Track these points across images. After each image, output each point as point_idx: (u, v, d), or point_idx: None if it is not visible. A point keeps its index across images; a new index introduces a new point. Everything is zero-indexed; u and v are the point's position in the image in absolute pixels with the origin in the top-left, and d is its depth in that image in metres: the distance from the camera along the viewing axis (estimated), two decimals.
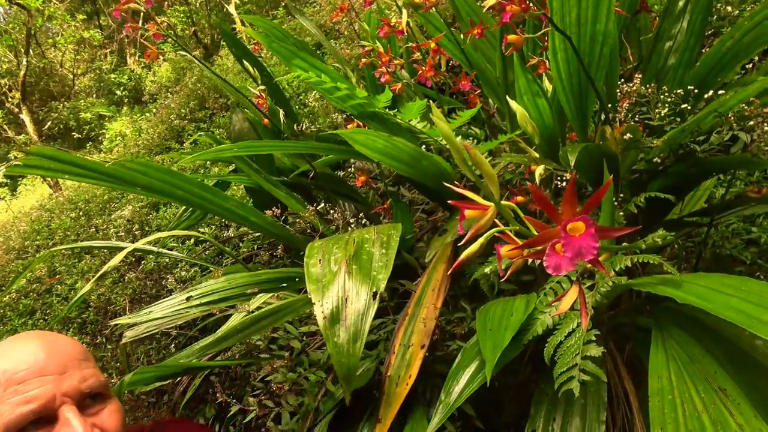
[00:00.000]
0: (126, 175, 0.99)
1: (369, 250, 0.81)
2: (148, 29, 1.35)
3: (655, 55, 1.09)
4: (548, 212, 0.50)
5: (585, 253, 0.49)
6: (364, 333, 0.73)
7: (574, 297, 0.61)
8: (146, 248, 1.75)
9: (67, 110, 7.47)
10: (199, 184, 1.09)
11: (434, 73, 1.17)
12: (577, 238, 0.49)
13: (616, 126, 0.89)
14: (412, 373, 1.05)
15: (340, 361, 0.72)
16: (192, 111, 4.48)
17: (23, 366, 0.55)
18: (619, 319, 0.97)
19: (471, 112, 0.99)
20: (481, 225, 0.52)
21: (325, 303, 0.75)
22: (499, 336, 0.79)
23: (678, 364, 0.75)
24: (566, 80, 0.93)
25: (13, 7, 5.91)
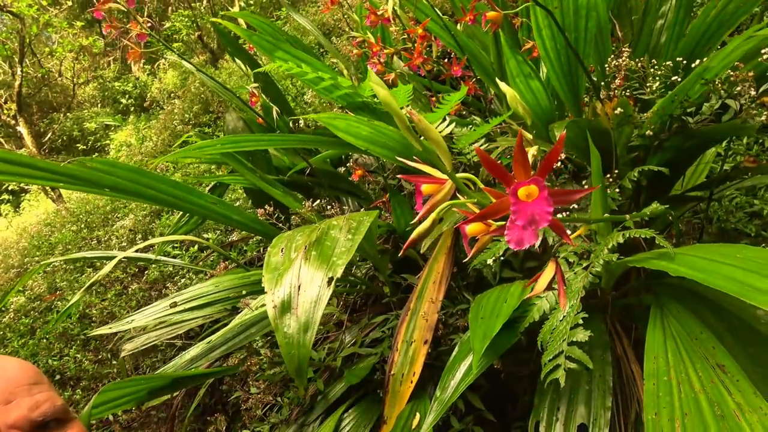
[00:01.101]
0: (88, 175, 1.02)
1: (334, 236, 0.84)
2: (131, 29, 1.43)
3: (645, 33, 1.12)
4: (500, 178, 0.50)
5: (538, 219, 0.48)
6: (315, 321, 0.74)
7: (551, 275, 0.63)
8: (139, 256, 1.82)
9: (70, 121, 7.84)
10: (171, 182, 1.14)
11: (423, 59, 1.24)
12: (529, 204, 0.49)
13: (606, 102, 0.94)
14: (416, 370, 1.09)
15: (290, 353, 0.73)
16: (196, 115, 4.67)
17: None
18: (625, 300, 1.01)
19: (459, 95, 1.05)
20: (437, 200, 0.55)
21: (277, 292, 0.77)
22: (491, 324, 0.82)
23: (676, 341, 0.78)
24: (554, 58, 0.98)
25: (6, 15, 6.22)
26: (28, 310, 3.66)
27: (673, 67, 0.89)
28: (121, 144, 5.73)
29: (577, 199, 0.55)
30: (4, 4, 5.80)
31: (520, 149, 0.50)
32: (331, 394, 1.36)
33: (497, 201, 0.53)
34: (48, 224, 5.06)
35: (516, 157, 0.50)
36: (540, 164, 0.51)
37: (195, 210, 1.22)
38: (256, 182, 1.68)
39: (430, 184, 0.56)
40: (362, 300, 1.58)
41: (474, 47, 1.32)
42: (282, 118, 1.88)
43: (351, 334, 1.50)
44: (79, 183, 1.05)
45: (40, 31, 6.83)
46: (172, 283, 2.47)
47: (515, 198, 0.50)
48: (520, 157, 0.50)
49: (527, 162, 0.51)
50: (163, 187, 1.12)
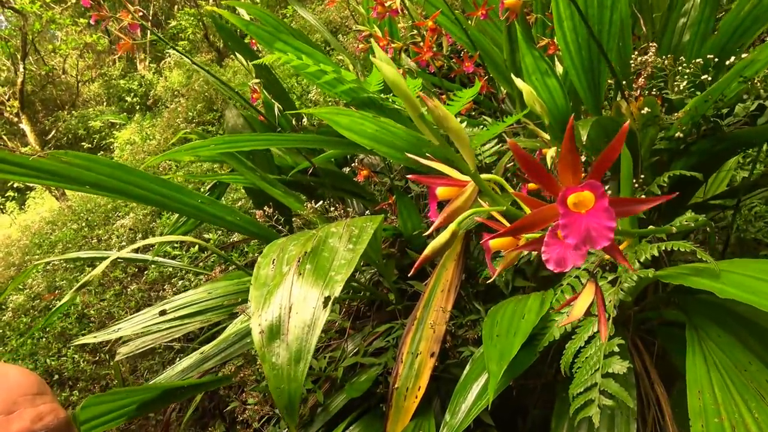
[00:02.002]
0: (66, 171, 0.94)
1: (332, 245, 0.75)
2: (122, 19, 1.36)
3: (668, 31, 1.05)
4: (541, 182, 0.41)
5: (596, 236, 0.37)
6: (309, 351, 0.64)
7: (590, 299, 0.52)
8: (135, 256, 1.77)
9: (75, 119, 7.85)
10: (158, 180, 1.06)
11: (433, 54, 1.18)
12: (583, 216, 0.38)
13: (632, 101, 0.87)
14: (422, 384, 1.03)
15: (279, 387, 0.63)
16: (200, 114, 4.64)
17: None
18: (644, 313, 0.94)
19: (472, 91, 0.98)
20: (457, 206, 0.45)
21: (265, 314, 0.67)
22: (508, 343, 0.74)
23: (721, 373, 0.69)
24: (575, 52, 0.91)
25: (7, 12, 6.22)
26: (27, 309, 3.65)
27: (703, 65, 0.83)
28: (125, 142, 5.71)
29: (643, 210, 0.45)
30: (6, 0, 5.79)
31: (570, 145, 0.40)
32: (332, 407, 1.30)
33: (537, 211, 0.43)
34: (49, 222, 5.05)
35: (564, 156, 0.40)
36: (594, 165, 0.41)
37: (185, 210, 1.15)
38: (256, 182, 1.62)
39: (447, 187, 0.46)
40: (366, 307, 1.52)
41: (486, 43, 1.25)
42: (284, 116, 1.82)
43: (354, 343, 1.44)
44: (56, 179, 0.98)
45: (44, 28, 6.83)
46: (170, 285, 2.42)
47: (565, 208, 0.39)
48: (568, 155, 0.40)
49: (578, 162, 0.41)
50: (151, 186, 1.05)
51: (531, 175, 0.42)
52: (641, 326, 0.99)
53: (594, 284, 0.53)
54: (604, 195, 0.39)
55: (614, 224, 0.38)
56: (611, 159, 0.42)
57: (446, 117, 0.43)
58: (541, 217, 0.43)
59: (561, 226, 0.39)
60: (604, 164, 0.42)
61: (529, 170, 0.42)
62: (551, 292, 0.94)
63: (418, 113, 0.43)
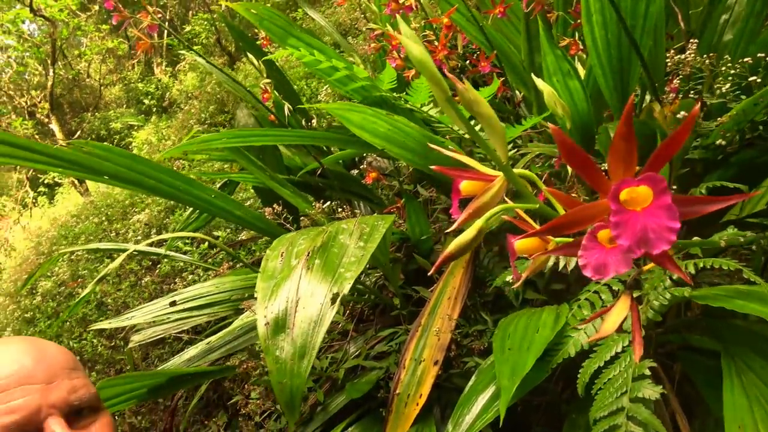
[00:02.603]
0: (87, 160, 0.90)
1: (342, 242, 0.67)
2: (142, 19, 1.29)
3: (708, 29, 0.92)
4: (587, 174, 0.32)
5: (654, 238, 0.29)
6: (314, 347, 0.59)
7: (623, 314, 0.42)
8: (149, 250, 1.72)
9: (98, 120, 7.77)
10: (171, 173, 1.00)
11: (447, 52, 1.05)
12: (639, 214, 0.30)
13: (666, 104, 0.75)
14: (423, 392, 0.95)
15: (282, 382, 0.58)
16: (212, 115, 4.53)
17: (6, 373, 0.51)
18: (665, 336, 0.81)
19: (489, 90, 0.86)
20: (484, 202, 0.36)
21: (271, 306, 0.61)
22: (521, 358, 0.64)
23: (766, 409, 0.58)
24: (603, 50, 0.78)
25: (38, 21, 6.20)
26: (54, 294, 3.72)
27: (751, 66, 0.70)
28: (142, 142, 5.63)
29: (712, 210, 0.34)
30: (38, 8, 5.71)
31: (626, 131, 0.31)
32: (332, 407, 1.22)
33: (580, 207, 0.34)
34: (74, 216, 5.01)
35: (616, 145, 0.31)
36: (652, 157, 0.32)
37: (196, 203, 1.06)
38: (265, 181, 1.51)
39: (473, 181, 0.38)
40: (370, 310, 1.41)
41: (503, 43, 1.12)
42: (294, 116, 1.70)
43: (356, 345, 1.34)
44: (76, 168, 0.92)
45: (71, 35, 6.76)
46: (181, 279, 2.33)
47: (617, 203, 0.31)
48: (622, 144, 0.31)
49: (633, 152, 0.32)
50: (164, 177, 0.97)
51: (575, 165, 0.33)
52: (659, 349, 0.87)
53: (629, 298, 0.43)
54: (666, 191, 0.31)
55: (677, 224, 0.30)
56: (670, 153, 0.32)
57: (478, 101, 0.34)
58: (584, 216, 0.34)
59: (612, 224, 0.31)
60: (663, 158, 0.32)
61: (573, 160, 0.33)
62: (566, 306, 0.83)
63: (446, 96, 0.33)
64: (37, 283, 4.00)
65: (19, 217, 7.22)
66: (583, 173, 0.32)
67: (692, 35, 0.86)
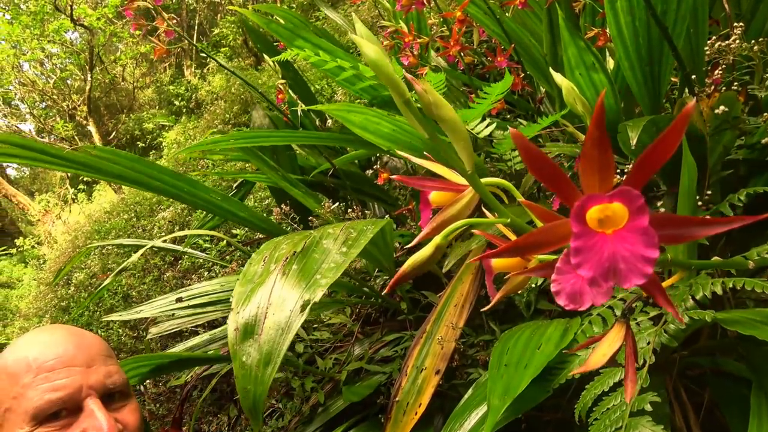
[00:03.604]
0: (95, 162, 0.92)
1: (326, 247, 0.63)
2: (158, 26, 1.29)
3: (760, 13, 0.81)
4: (553, 185, 0.27)
5: (625, 270, 0.24)
6: (279, 354, 0.56)
7: (615, 346, 0.35)
8: (167, 246, 1.73)
9: (132, 121, 8.04)
10: (174, 174, 0.99)
11: (460, 48, 0.98)
12: (608, 239, 0.25)
13: (703, 98, 0.65)
14: (423, 401, 0.90)
15: (246, 388, 0.56)
16: (236, 116, 4.58)
17: (53, 356, 0.56)
18: (694, 358, 0.71)
19: (501, 86, 0.78)
20: (449, 215, 0.32)
21: (243, 311, 0.59)
22: (516, 376, 0.58)
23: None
24: (630, 38, 0.70)
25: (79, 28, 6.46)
26: (86, 285, 3.89)
27: None
28: (171, 142, 5.77)
29: (706, 235, 0.27)
30: (78, 18, 5.94)
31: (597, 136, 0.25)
32: (333, 408, 1.19)
33: (547, 226, 0.28)
34: (107, 212, 5.19)
35: (588, 153, 0.25)
36: (632, 168, 0.26)
37: (200, 204, 1.06)
38: (277, 181, 1.48)
39: (442, 191, 0.34)
40: (377, 313, 1.35)
41: (524, 36, 1.04)
42: (308, 117, 1.66)
43: (361, 348, 1.30)
44: (88, 170, 0.96)
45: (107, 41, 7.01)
46: (197, 275, 2.34)
47: (581, 224, 0.25)
48: (594, 151, 0.25)
49: (608, 162, 0.25)
50: (166, 179, 0.98)
51: (538, 175, 0.27)
52: (687, 371, 0.77)
53: (623, 327, 0.36)
54: (643, 210, 0.24)
55: (655, 254, 0.24)
56: (659, 160, 0.25)
57: (438, 104, 0.30)
58: (553, 236, 0.28)
59: (573, 250, 0.25)
60: (648, 167, 0.26)
61: (535, 168, 0.27)
62: (578, 320, 0.74)
63: (403, 99, 0.29)
64: (72, 275, 4.16)
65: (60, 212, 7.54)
66: (551, 186, 0.27)
67: (740, 20, 0.75)
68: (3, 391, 0.55)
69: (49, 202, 7.95)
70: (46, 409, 0.53)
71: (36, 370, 0.55)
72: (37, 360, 0.55)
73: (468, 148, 0.29)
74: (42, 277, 5.48)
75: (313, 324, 1.48)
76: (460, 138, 0.29)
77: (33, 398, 0.53)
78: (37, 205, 7.50)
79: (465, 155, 0.29)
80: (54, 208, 7.71)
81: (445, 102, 0.28)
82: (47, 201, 7.94)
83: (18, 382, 0.55)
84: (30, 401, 0.53)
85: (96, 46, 6.47)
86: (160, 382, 2.01)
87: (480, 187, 0.30)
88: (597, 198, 0.25)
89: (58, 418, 0.54)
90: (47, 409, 0.53)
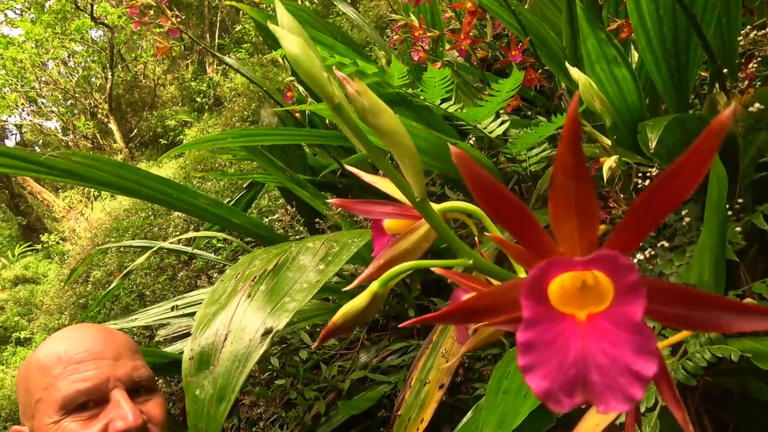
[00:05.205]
0: (77, 168, 0.93)
1: (302, 264, 0.60)
2: (161, 25, 1.32)
3: None
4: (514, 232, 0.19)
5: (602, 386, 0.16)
6: (234, 390, 0.54)
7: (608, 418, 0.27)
8: (176, 247, 1.77)
9: (154, 118, 8.31)
10: (162, 180, 1.00)
11: (471, 41, 0.95)
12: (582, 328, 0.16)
13: (734, 94, 0.61)
14: (425, 416, 0.89)
15: (197, 426, 0.54)
16: (254, 112, 4.66)
17: (82, 349, 0.61)
18: (719, 379, 0.66)
19: (511, 82, 0.75)
20: (403, 250, 0.27)
21: (201, 338, 0.57)
22: (514, 406, 0.54)
23: None
24: (653, 30, 0.66)
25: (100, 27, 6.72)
26: (103, 283, 4.02)
27: None
28: (192, 138, 5.92)
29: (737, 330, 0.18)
30: (99, 16, 6.20)
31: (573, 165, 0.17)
32: (335, 419, 1.19)
33: (501, 287, 0.21)
34: (126, 210, 5.38)
35: (559, 185, 0.18)
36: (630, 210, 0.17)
37: (191, 210, 1.05)
38: (283, 182, 1.48)
39: (397, 219, 0.28)
40: (385, 320, 1.34)
41: (542, 29, 1.00)
42: (317, 114, 1.67)
43: (368, 355, 1.29)
44: (69, 176, 0.95)
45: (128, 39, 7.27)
46: (206, 276, 2.40)
47: (536, 304, 0.17)
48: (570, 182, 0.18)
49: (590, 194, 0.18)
50: (154, 185, 0.98)
51: (493, 215, 0.20)
52: (713, 391, 0.71)
53: None
54: (637, 289, 0.16)
55: (650, 368, 0.15)
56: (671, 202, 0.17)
57: (375, 110, 0.23)
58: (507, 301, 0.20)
59: (521, 345, 0.17)
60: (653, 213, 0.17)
61: (486, 201, 0.19)
62: None
63: (332, 104, 0.23)
64: (90, 273, 4.34)
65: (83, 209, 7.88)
66: (512, 232, 0.19)
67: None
68: (35, 382, 0.60)
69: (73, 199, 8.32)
70: (74, 398, 0.57)
71: (66, 362, 0.59)
72: (68, 353, 0.60)
73: (416, 167, 0.23)
74: (63, 273, 5.76)
75: (320, 329, 1.49)
76: (404, 154, 0.23)
77: (62, 388, 0.57)
78: (62, 202, 7.86)
79: (412, 176, 0.23)
80: (78, 205, 8.06)
81: (384, 108, 0.23)
82: (71, 198, 8.31)
83: (49, 374, 0.59)
84: (59, 391, 0.57)
85: (117, 44, 6.73)
86: (172, 382, 2.06)
87: (433, 217, 0.25)
88: (564, 263, 0.17)
89: (86, 408, 0.58)
90: (75, 399, 0.57)
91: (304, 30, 0.23)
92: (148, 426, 0.59)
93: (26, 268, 7.48)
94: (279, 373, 1.31)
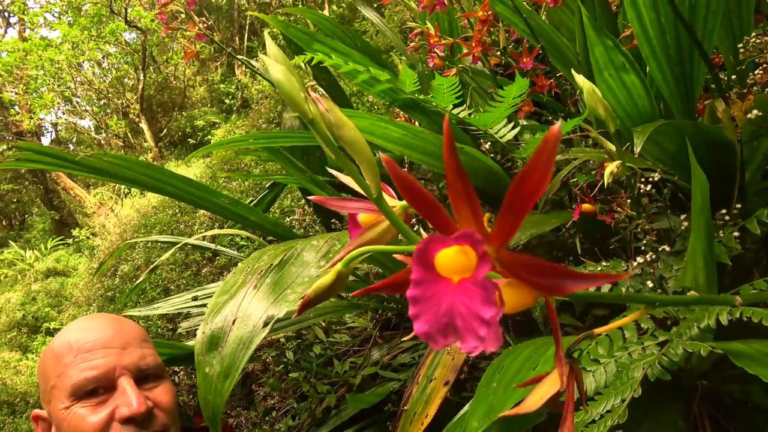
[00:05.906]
0: (107, 167, 1.01)
1: (305, 260, 0.66)
2: (188, 30, 1.42)
3: None
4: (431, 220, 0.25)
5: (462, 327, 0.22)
6: (238, 368, 0.60)
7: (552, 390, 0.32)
8: (199, 243, 1.87)
9: (183, 119, 8.66)
10: (186, 180, 1.08)
11: (483, 48, 0.99)
12: (449, 289, 0.23)
13: (734, 100, 0.63)
14: (430, 412, 0.92)
15: (206, 398, 0.60)
16: (279, 114, 4.81)
17: (91, 338, 0.65)
18: (723, 386, 0.68)
19: (517, 89, 0.79)
20: (369, 238, 0.32)
21: (212, 323, 0.63)
22: (503, 398, 0.57)
23: None
24: (656, 38, 0.69)
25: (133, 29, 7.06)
26: (130, 277, 4.24)
27: None
28: (219, 139, 6.13)
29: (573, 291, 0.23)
30: (132, 20, 6.53)
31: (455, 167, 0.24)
32: (345, 412, 1.24)
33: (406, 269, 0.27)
34: (154, 207, 5.62)
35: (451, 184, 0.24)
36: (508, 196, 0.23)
37: (211, 208, 1.14)
38: (303, 183, 1.56)
39: (367, 213, 0.34)
40: (397, 319, 1.39)
41: (555, 35, 1.04)
42: None
43: (379, 353, 1.34)
44: (103, 174, 1.05)
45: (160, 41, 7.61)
46: (227, 272, 2.50)
47: (422, 269, 0.23)
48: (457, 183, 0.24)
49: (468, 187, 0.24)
50: (179, 184, 1.06)
51: (414, 205, 0.26)
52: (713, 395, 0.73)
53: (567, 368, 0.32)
54: (485, 259, 0.22)
55: (489, 313, 0.22)
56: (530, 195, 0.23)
57: (339, 124, 0.29)
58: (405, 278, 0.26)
59: (410, 299, 0.23)
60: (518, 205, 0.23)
61: (408, 195, 0.25)
62: (586, 343, 0.73)
63: (308, 119, 0.29)
64: (118, 266, 4.57)
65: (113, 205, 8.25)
66: (427, 217, 0.25)
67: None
68: (51, 370, 0.65)
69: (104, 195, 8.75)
70: (83, 385, 0.62)
71: (76, 351, 0.64)
72: (78, 342, 0.65)
73: (372, 169, 0.30)
74: (93, 267, 6.06)
75: (335, 326, 1.55)
76: (363, 159, 0.30)
77: (72, 376, 0.62)
78: (93, 198, 8.26)
79: (369, 177, 0.29)
80: (108, 202, 8.46)
81: (346, 122, 0.29)
82: (102, 195, 8.74)
83: (61, 361, 0.64)
84: (70, 378, 0.62)
85: (149, 47, 7.07)
86: (192, 374, 2.16)
87: (386, 210, 0.30)
88: (441, 240, 0.23)
89: (95, 395, 0.62)
90: (84, 386, 0.62)
91: (287, 58, 0.30)
92: (154, 411, 0.63)
93: (57, 261, 7.91)
94: (293, 366, 1.38)
